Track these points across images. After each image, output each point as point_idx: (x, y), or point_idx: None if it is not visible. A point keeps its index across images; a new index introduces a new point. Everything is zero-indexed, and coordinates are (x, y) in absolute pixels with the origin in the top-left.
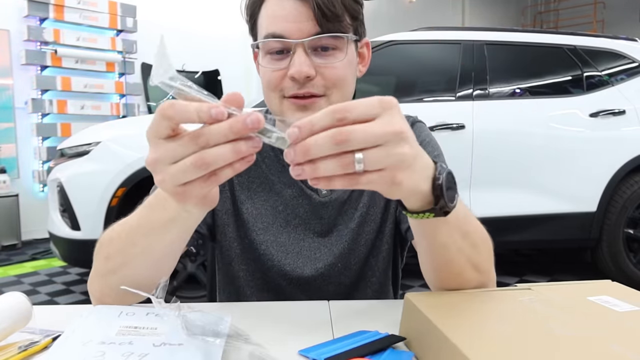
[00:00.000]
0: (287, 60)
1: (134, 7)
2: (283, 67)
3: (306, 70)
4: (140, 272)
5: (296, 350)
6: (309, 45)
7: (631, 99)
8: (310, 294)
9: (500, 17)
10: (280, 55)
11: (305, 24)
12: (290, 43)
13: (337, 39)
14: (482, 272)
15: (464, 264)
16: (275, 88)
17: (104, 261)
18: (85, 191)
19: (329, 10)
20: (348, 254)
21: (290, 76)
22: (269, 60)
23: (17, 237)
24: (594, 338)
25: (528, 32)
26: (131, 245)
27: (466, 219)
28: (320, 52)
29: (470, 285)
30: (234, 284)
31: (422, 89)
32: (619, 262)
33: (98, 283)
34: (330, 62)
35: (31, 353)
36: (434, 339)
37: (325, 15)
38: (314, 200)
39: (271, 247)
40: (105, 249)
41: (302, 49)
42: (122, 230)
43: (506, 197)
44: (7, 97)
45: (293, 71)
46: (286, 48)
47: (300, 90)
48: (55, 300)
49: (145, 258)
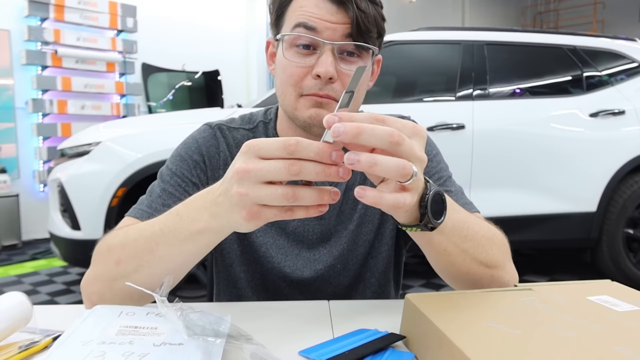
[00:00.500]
0: (313, 58)
1: (134, 7)
2: (308, 64)
3: (332, 71)
4: (151, 280)
5: (296, 350)
6: (337, 49)
7: (631, 99)
8: (309, 296)
9: (500, 17)
10: (306, 51)
11: (340, 27)
12: (321, 42)
13: (363, 49)
14: (493, 267)
15: (469, 263)
16: (295, 84)
17: (115, 265)
18: (85, 191)
19: (364, 22)
20: (347, 255)
21: (315, 74)
22: (295, 54)
23: (17, 237)
24: (594, 338)
25: (528, 32)
26: (149, 252)
27: (465, 223)
28: (345, 58)
29: (483, 280)
30: (235, 285)
31: (422, 89)
32: (619, 262)
33: (99, 287)
34: (352, 69)
35: (31, 353)
36: (434, 339)
37: (359, 25)
38: None
39: (271, 249)
40: (116, 253)
41: (330, 50)
42: (140, 237)
43: (506, 197)
44: (7, 97)
45: (321, 70)
46: (315, 45)
47: (320, 91)
48: (56, 300)
49: (162, 266)
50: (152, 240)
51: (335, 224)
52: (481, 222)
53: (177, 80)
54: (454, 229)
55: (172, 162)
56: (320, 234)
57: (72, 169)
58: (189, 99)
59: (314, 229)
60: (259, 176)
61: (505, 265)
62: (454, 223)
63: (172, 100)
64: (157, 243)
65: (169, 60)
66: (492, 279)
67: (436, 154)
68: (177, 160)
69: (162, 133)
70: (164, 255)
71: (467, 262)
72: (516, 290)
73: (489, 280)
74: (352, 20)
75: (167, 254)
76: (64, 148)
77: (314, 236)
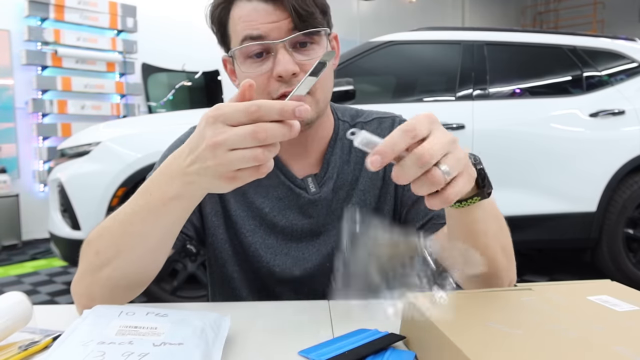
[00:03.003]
0: (269, 62)
1: (134, 7)
2: (267, 70)
3: (292, 67)
4: (132, 263)
5: (296, 350)
6: (289, 44)
7: (631, 99)
8: (302, 294)
9: (500, 17)
10: (260, 58)
11: (282, 24)
12: (271, 44)
13: (314, 34)
14: (508, 256)
15: (496, 247)
16: (262, 92)
17: (94, 257)
18: (85, 191)
19: (303, 9)
20: (337, 253)
21: (276, 75)
22: (250, 65)
23: (17, 237)
24: (594, 338)
25: (528, 32)
26: (125, 234)
27: (493, 202)
28: (299, 49)
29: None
30: (230, 285)
31: (422, 89)
32: (618, 262)
33: (85, 282)
34: (312, 56)
35: (31, 353)
36: (434, 339)
37: (300, 13)
38: (303, 199)
39: (260, 249)
40: (94, 245)
41: (283, 48)
42: (113, 223)
43: (506, 197)
44: (7, 97)
45: (280, 69)
46: (266, 49)
47: (288, 89)
48: (56, 300)
49: (141, 245)
50: (126, 220)
51: (324, 222)
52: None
53: (177, 80)
54: (490, 203)
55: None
56: (309, 232)
57: (72, 169)
58: (189, 99)
59: (303, 227)
60: (229, 146)
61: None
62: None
63: (172, 100)
64: (132, 222)
65: (169, 60)
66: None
67: None
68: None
69: (162, 133)
70: (140, 233)
71: (496, 246)
72: (516, 290)
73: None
74: (290, 11)
75: (143, 231)
76: (64, 148)
77: (302, 234)
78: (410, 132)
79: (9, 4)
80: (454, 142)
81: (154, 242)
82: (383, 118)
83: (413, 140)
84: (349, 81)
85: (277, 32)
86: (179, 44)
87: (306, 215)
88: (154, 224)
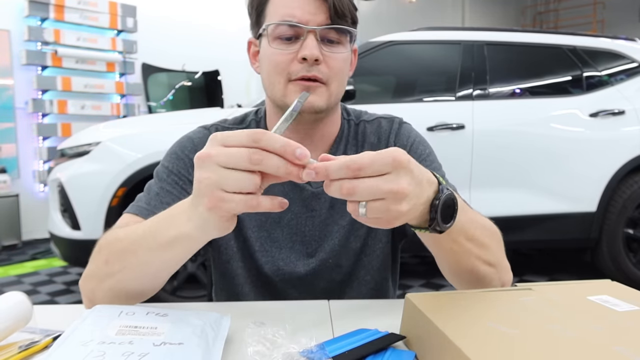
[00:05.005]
0: (297, 45)
1: (134, 7)
2: (293, 50)
3: (317, 53)
4: (134, 281)
5: (296, 350)
6: (319, 34)
7: (631, 99)
8: (302, 291)
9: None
10: (289, 41)
11: (319, 16)
12: (303, 29)
13: (343, 33)
14: (495, 265)
15: (473, 262)
16: (282, 71)
17: (103, 265)
18: (85, 191)
19: (340, 7)
20: (339, 250)
21: (301, 57)
22: (279, 45)
23: (17, 237)
24: (594, 338)
25: (528, 32)
26: (132, 254)
27: (471, 223)
28: (326, 44)
29: (487, 278)
30: (233, 282)
31: (422, 89)
32: (618, 262)
33: (93, 285)
34: (335, 52)
35: (31, 353)
36: (434, 339)
37: (337, 10)
38: (307, 192)
39: (265, 243)
40: (105, 253)
41: (313, 35)
42: (126, 238)
43: (506, 197)
44: (7, 97)
45: (306, 52)
46: (297, 35)
47: (308, 73)
48: (56, 300)
49: (143, 270)
50: (136, 242)
51: (327, 216)
52: (484, 220)
53: (177, 80)
54: (461, 229)
55: (168, 161)
56: (312, 229)
57: (72, 169)
58: (189, 99)
59: (306, 223)
60: (218, 161)
61: (501, 262)
62: (462, 224)
63: (172, 100)
64: (140, 245)
65: (169, 60)
66: (493, 277)
67: (429, 153)
68: (173, 158)
69: (162, 133)
70: (146, 260)
71: (472, 260)
72: (516, 290)
73: (490, 278)
74: (330, 6)
75: (148, 259)
76: (64, 148)
77: (306, 230)
78: (353, 167)
79: (9, 4)
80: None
81: (155, 272)
82: (384, 119)
83: (353, 174)
84: (349, 81)
85: (313, 21)
86: (179, 44)
87: (309, 209)
88: (157, 255)
